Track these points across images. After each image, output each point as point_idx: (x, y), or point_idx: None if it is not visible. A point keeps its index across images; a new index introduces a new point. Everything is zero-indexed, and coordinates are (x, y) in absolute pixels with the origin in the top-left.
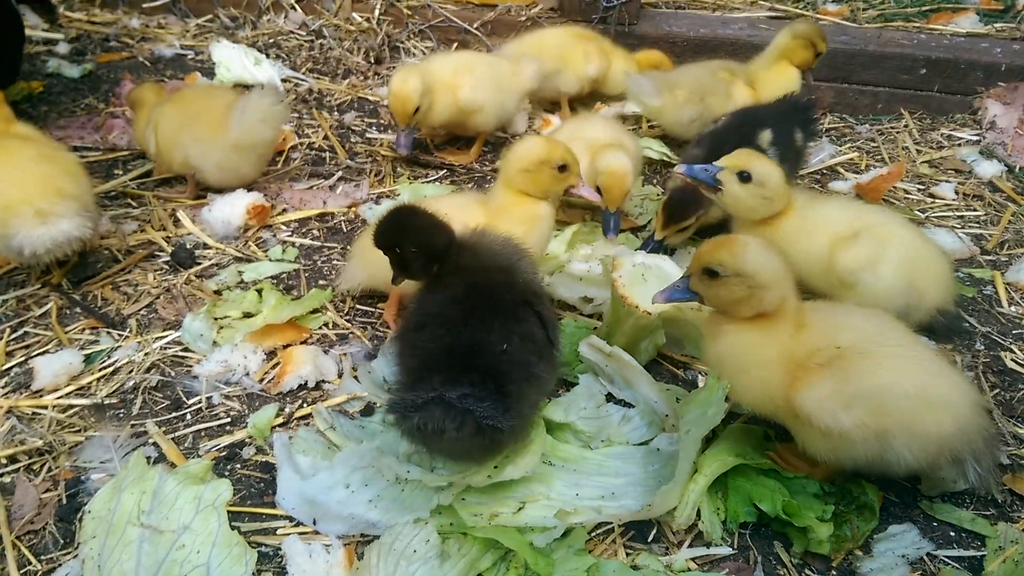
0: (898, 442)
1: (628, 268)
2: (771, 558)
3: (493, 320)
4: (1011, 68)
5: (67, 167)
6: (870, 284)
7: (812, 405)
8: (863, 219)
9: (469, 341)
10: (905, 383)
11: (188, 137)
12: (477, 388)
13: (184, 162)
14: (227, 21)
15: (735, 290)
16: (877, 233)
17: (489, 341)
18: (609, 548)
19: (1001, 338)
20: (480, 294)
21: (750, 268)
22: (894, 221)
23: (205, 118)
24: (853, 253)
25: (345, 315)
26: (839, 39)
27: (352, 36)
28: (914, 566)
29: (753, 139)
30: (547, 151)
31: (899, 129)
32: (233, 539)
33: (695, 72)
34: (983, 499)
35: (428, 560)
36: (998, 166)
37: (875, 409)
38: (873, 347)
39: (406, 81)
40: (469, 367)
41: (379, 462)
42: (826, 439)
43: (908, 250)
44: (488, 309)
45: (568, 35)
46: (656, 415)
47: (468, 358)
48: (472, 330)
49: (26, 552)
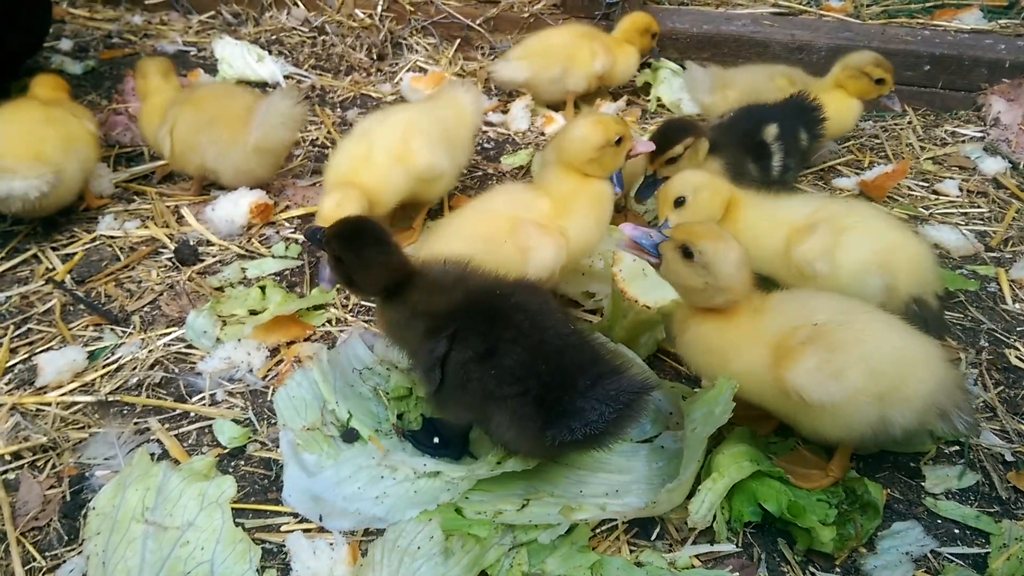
0: (891, 404)
1: (628, 262)
2: (775, 555)
3: (530, 321)
4: (1015, 64)
5: (66, 134)
6: (828, 274)
7: (801, 380)
8: (826, 210)
9: (538, 343)
10: (887, 346)
11: (206, 139)
12: (598, 377)
13: (201, 165)
14: (230, 18)
15: (695, 278)
16: (838, 224)
17: (548, 337)
18: (613, 545)
19: (1005, 335)
20: (489, 301)
21: (719, 267)
22: (862, 211)
23: (224, 121)
24: (808, 243)
25: (349, 311)
26: (842, 35)
27: (354, 32)
28: (918, 563)
29: (759, 134)
30: (605, 133)
31: (903, 126)
32: (237, 535)
33: (753, 74)
34: (988, 496)
35: (432, 557)
36: (1002, 163)
37: (867, 374)
38: (848, 319)
39: (341, 206)
40: (571, 366)
41: (391, 459)
42: (827, 415)
43: (876, 239)
44: (514, 316)
45: (572, 34)
46: (660, 413)
47: (557, 358)
48: (529, 335)
49: (31, 548)
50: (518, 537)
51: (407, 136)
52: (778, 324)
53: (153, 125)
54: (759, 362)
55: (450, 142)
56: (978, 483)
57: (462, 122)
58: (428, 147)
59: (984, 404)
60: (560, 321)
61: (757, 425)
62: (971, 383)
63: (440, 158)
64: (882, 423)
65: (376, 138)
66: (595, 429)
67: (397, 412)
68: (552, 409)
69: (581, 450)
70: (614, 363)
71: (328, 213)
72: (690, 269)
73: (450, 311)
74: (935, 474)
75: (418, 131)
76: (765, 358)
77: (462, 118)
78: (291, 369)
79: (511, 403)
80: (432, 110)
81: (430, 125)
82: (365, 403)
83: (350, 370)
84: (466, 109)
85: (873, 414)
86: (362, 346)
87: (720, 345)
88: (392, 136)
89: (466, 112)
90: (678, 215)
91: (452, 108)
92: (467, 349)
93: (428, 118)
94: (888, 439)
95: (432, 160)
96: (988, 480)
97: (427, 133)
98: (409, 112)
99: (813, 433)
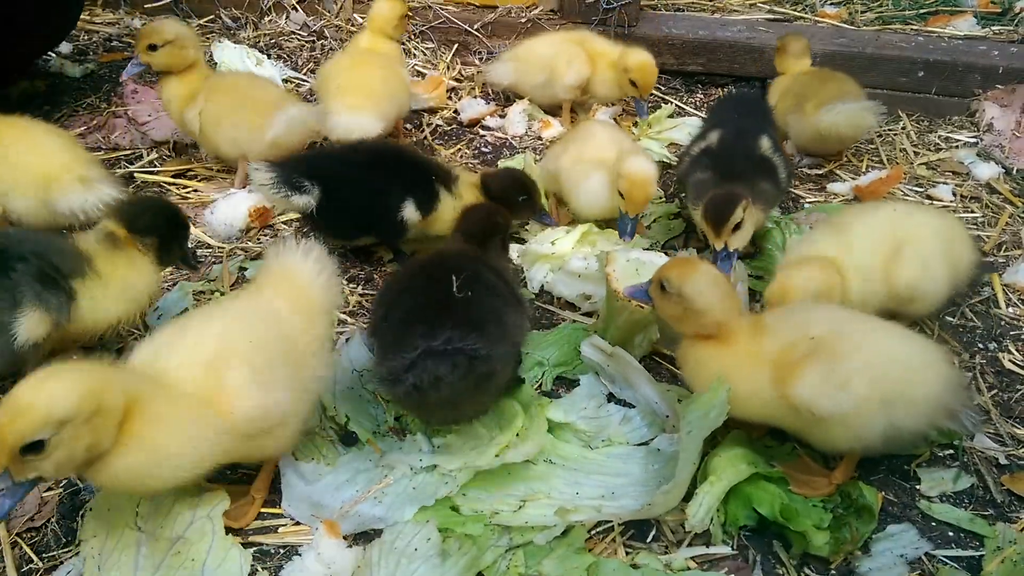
0: (899, 408)
1: (622, 263)
2: (770, 557)
3: (453, 280)
4: (1008, 70)
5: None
6: (930, 291)
7: (807, 393)
8: (891, 225)
9: (437, 298)
10: (888, 352)
11: (230, 124)
12: (457, 331)
13: (233, 145)
14: (229, 22)
15: (673, 307)
16: (915, 240)
17: (454, 296)
18: (609, 547)
19: (999, 339)
20: (438, 265)
21: (688, 292)
22: (914, 217)
23: (250, 108)
24: (908, 269)
25: (349, 312)
26: (837, 41)
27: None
28: (912, 566)
29: (757, 151)
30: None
31: (897, 131)
32: (228, 544)
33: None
34: (982, 499)
35: (429, 558)
36: (995, 168)
37: (872, 381)
38: (846, 328)
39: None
40: (443, 319)
41: (387, 459)
42: (838, 426)
43: (937, 240)
44: (447, 273)
45: (558, 41)
46: (657, 415)
47: (440, 312)
48: (437, 291)
49: (27, 550)
50: (514, 539)
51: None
52: (777, 342)
53: (181, 101)
54: (763, 383)
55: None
56: (972, 486)
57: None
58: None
59: (978, 407)
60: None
61: (751, 427)
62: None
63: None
64: (892, 428)
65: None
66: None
67: (395, 415)
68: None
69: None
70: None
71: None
72: (667, 300)
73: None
74: (929, 477)
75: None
76: (768, 378)
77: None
78: None
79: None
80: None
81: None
82: (363, 405)
83: (349, 371)
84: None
85: (882, 420)
86: (362, 347)
87: (720, 370)
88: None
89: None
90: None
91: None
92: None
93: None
94: (897, 444)
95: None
96: (982, 483)
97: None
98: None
99: (825, 445)
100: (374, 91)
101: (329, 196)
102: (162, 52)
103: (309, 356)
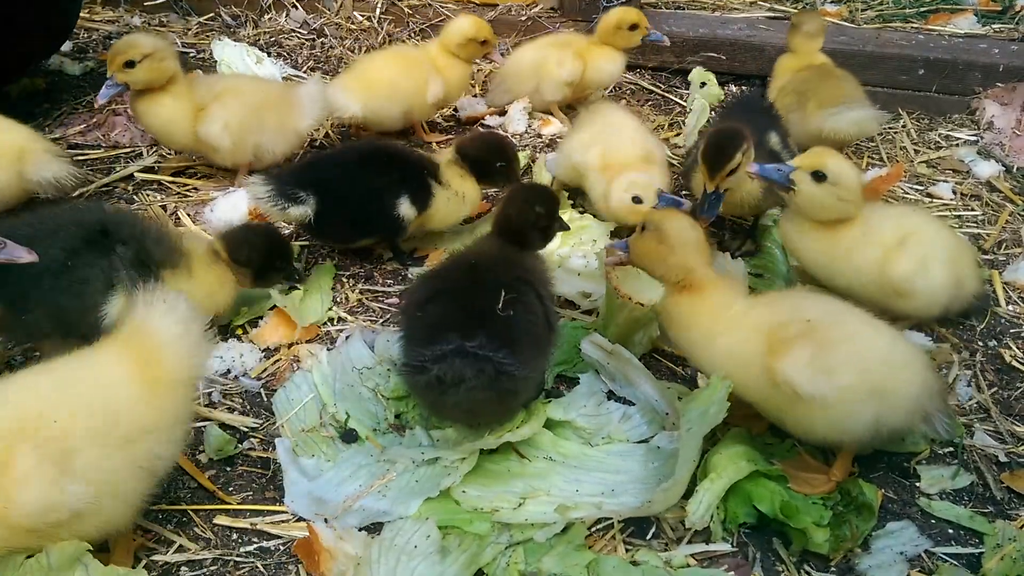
0: (883, 404)
1: None
2: (770, 554)
3: (497, 292)
4: (1009, 69)
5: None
6: (925, 289)
7: (792, 371)
8: (896, 222)
9: (479, 304)
10: (875, 347)
11: (256, 127)
12: (492, 340)
13: (258, 148)
14: (228, 19)
15: (648, 243)
16: (920, 237)
17: (494, 308)
18: (609, 544)
19: (999, 336)
20: (483, 272)
21: (666, 227)
22: (919, 219)
23: (273, 108)
24: (904, 262)
25: (348, 310)
26: (838, 39)
27: (353, 35)
28: (912, 563)
29: (766, 146)
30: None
31: (897, 129)
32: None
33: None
34: (982, 497)
35: (428, 555)
36: (996, 166)
37: (857, 372)
38: (840, 319)
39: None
40: (481, 325)
41: (388, 454)
42: (817, 411)
43: (946, 247)
44: (493, 281)
45: (543, 46)
46: (656, 413)
47: (479, 318)
48: (480, 296)
49: None
50: (514, 536)
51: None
52: (771, 314)
53: (187, 120)
54: (743, 346)
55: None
56: (972, 483)
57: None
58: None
59: (978, 405)
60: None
61: (751, 424)
62: (965, 384)
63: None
64: (874, 422)
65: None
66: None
67: (395, 412)
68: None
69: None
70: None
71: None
72: (643, 238)
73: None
74: (929, 474)
75: None
76: (750, 343)
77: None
78: (290, 370)
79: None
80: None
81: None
82: (364, 403)
83: (350, 369)
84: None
85: (864, 413)
86: (362, 345)
87: (696, 321)
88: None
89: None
90: (820, 190)
91: None
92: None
93: None
94: (878, 439)
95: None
96: (982, 480)
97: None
98: None
99: (799, 430)
100: (373, 82)
101: (325, 203)
102: (141, 68)
103: (143, 434)
